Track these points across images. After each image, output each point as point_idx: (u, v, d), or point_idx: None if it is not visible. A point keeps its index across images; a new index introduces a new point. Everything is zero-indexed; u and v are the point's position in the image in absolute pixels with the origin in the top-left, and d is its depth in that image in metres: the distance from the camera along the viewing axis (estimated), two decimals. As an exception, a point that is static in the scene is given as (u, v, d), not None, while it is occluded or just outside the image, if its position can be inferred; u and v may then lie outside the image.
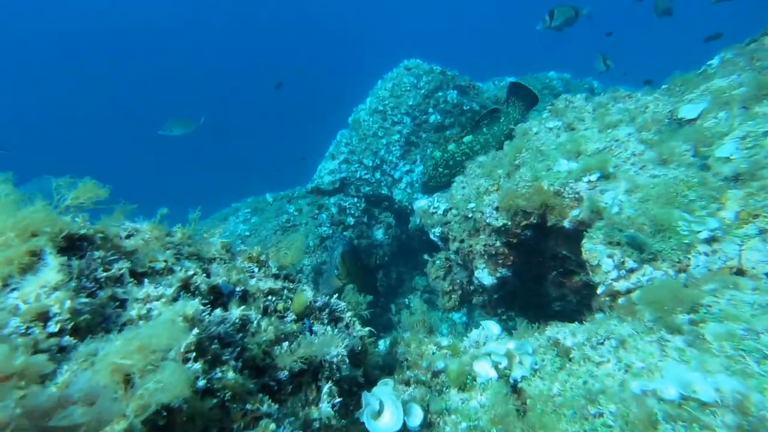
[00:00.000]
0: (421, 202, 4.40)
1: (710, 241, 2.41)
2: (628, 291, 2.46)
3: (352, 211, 7.80)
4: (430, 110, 8.64)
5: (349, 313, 2.11)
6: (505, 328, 7.56)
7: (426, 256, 5.54)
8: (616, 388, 1.55)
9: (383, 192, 8.57)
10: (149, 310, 1.41)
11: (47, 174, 1.66)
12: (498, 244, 3.75)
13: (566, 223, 3.17)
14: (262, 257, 2.10)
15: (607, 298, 2.52)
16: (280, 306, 1.83)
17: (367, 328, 2.10)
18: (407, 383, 2.02)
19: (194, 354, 1.28)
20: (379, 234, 8.00)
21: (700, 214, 2.50)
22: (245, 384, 1.41)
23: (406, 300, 7.80)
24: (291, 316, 1.83)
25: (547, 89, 8.95)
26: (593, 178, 3.01)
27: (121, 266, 1.50)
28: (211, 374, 1.33)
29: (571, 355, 1.80)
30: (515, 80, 6.53)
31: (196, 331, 1.30)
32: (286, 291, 1.98)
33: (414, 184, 8.70)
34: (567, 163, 3.36)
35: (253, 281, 1.90)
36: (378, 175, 8.66)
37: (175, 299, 1.52)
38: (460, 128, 8.92)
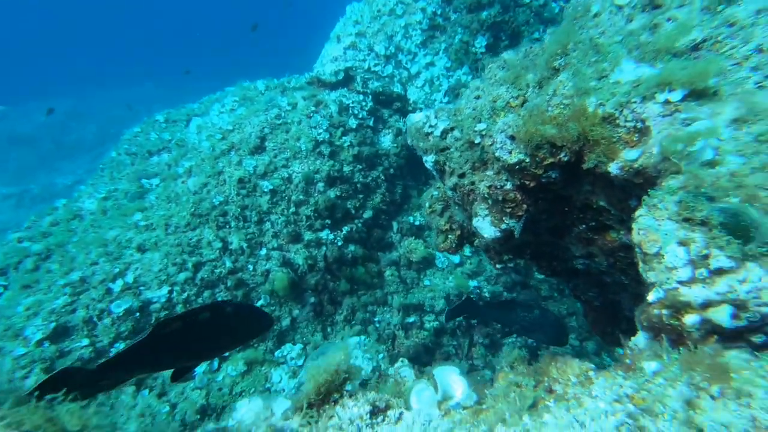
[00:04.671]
0: (416, 117, 3.21)
1: None
2: (707, 305, 1.43)
3: (356, 111, 6.57)
4: (464, -21, 6.72)
5: None
6: (514, 282, 6.78)
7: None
8: None
9: (396, 89, 7.15)
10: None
11: None
12: (508, 186, 2.65)
13: (613, 168, 2.02)
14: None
15: (663, 312, 1.51)
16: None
17: None
18: None
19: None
20: (386, 141, 6.85)
21: None
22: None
23: (410, 218, 6.96)
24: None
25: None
26: (675, 96, 1.76)
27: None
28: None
29: None
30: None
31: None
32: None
33: (434, 81, 7.23)
34: (635, 68, 2.07)
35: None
36: (391, 67, 7.15)
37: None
38: (501, 7, 7.03)
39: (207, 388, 4.35)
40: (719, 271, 1.36)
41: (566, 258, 3.39)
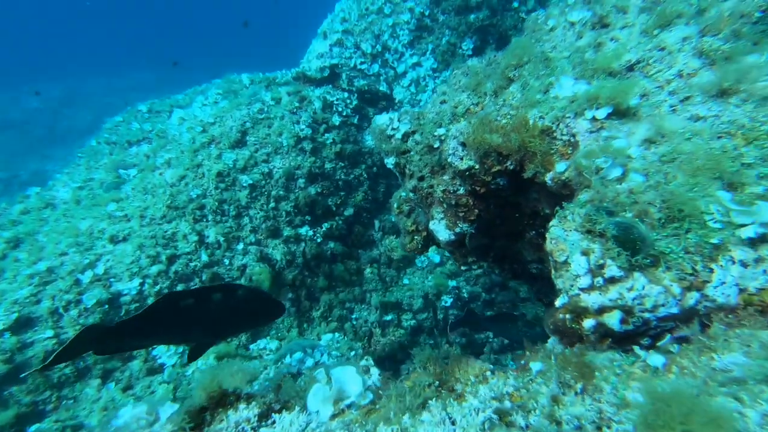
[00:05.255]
0: (381, 119, 3.28)
1: (756, 242, 1.40)
2: (601, 311, 1.53)
3: (340, 109, 6.62)
4: (451, -19, 6.76)
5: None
6: (493, 283, 6.78)
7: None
8: None
9: (381, 89, 7.21)
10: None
11: None
12: (461, 191, 2.72)
13: (548, 179, 2.10)
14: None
15: (567, 316, 1.60)
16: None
17: None
18: None
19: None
20: (370, 139, 6.90)
21: (752, 193, 1.44)
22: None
23: (392, 217, 7.03)
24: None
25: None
26: (601, 113, 1.83)
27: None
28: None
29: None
30: None
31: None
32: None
33: (420, 81, 7.27)
34: (574, 84, 2.14)
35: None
36: (377, 66, 7.20)
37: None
38: (489, 11, 7.08)
39: (175, 382, 4.41)
40: (612, 280, 1.44)
41: (523, 262, 3.47)
